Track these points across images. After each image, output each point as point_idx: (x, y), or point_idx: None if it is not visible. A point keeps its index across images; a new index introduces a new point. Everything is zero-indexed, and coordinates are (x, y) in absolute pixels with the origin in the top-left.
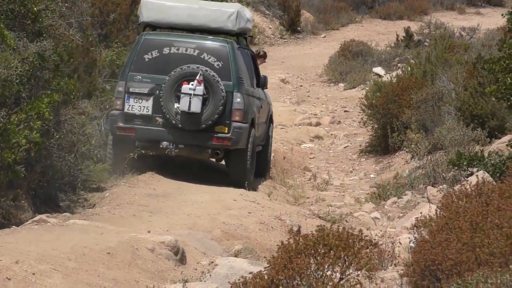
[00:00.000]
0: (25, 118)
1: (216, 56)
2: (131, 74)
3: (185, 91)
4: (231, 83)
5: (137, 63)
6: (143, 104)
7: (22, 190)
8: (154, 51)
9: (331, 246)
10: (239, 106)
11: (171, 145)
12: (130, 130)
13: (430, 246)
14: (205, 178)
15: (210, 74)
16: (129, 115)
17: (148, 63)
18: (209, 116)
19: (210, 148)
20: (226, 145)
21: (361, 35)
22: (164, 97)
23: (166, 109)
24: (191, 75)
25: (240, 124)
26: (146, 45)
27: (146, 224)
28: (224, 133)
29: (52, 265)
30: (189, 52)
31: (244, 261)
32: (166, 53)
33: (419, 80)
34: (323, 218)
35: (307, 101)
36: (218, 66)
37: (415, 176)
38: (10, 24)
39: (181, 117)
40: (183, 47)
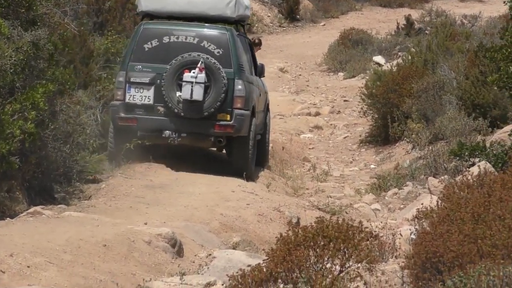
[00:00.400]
0: (19, 108)
1: (216, 44)
2: (131, 64)
3: (186, 79)
4: (232, 70)
5: (137, 53)
6: (144, 93)
7: (17, 181)
8: (153, 40)
9: (331, 238)
10: (241, 93)
11: (174, 134)
12: (132, 120)
13: (431, 237)
14: (204, 168)
15: (212, 62)
16: (130, 105)
17: (148, 52)
18: (211, 104)
19: (213, 136)
20: (228, 133)
21: (361, 23)
22: (165, 86)
23: (168, 97)
24: (192, 63)
25: (242, 111)
26: (145, 35)
27: (142, 216)
28: (226, 120)
29: (47, 257)
30: (189, 41)
31: (243, 254)
32: (166, 42)
33: (420, 69)
34: (322, 210)
35: (306, 90)
36: (219, 54)
37: (416, 166)
38: (3, 13)
39: (183, 106)
40: (182, 35)
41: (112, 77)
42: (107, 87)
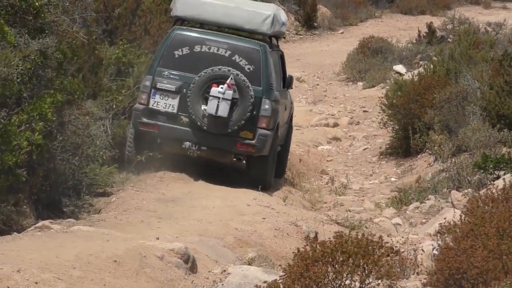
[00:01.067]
0: (26, 119)
1: (248, 59)
2: (159, 70)
3: (214, 94)
4: (260, 88)
5: (166, 59)
6: (169, 101)
7: (24, 194)
8: (184, 47)
9: (350, 254)
10: (267, 113)
11: (194, 146)
12: (153, 126)
13: (455, 253)
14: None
15: (241, 79)
16: (153, 111)
17: (178, 59)
18: (236, 121)
19: (234, 153)
20: (250, 152)
21: (380, 31)
22: (191, 98)
23: (193, 110)
24: (221, 77)
25: (265, 131)
26: (177, 41)
27: (154, 230)
28: (249, 139)
29: (55, 273)
30: (220, 52)
31: (258, 270)
32: (197, 51)
33: (442, 79)
34: (341, 224)
35: (324, 100)
36: (249, 70)
37: (439, 179)
38: (10, 20)
39: (207, 120)
40: (214, 46)
41: (122, 88)
42: (116, 99)
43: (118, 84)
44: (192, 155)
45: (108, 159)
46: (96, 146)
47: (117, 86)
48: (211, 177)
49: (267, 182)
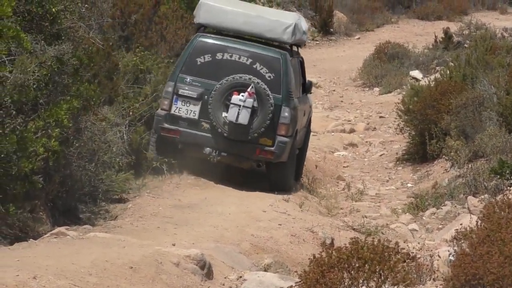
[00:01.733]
0: (43, 126)
1: (269, 68)
2: (181, 76)
3: (234, 102)
4: (280, 96)
5: (188, 65)
6: (190, 107)
7: (40, 201)
8: (207, 55)
9: (366, 260)
10: (286, 120)
11: (214, 152)
12: (175, 132)
13: (471, 259)
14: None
15: (262, 87)
16: (175, 117)
17: (200, 66)
18: (256, 129)
19: (253, 160)
20: (269, 158)
21: (397, 36)
22: (212, 105)
23: (214, 117)
24: (242, 85)
25: (284, 138)
26: (199, 48)
27: (170, 237)
28: (268, 145)
29: (71, 280)
30: (242, 60)
31: (274, 276)
32: (219, 58)
33: (459, 84)
34: (357, 230)
35: (340, 106)
36: (270, 78)
37: (455, 185)
38: (27, 26)
39: (228, 127)
40: (236, 54)
41: (139, 96)
42: (133, 106)
43: (135, 91)
44: (212, 160)
45: (124, 165)
46: (112, 153)
47: (134, 93)
48: (228, 183)
49: (287, 187)
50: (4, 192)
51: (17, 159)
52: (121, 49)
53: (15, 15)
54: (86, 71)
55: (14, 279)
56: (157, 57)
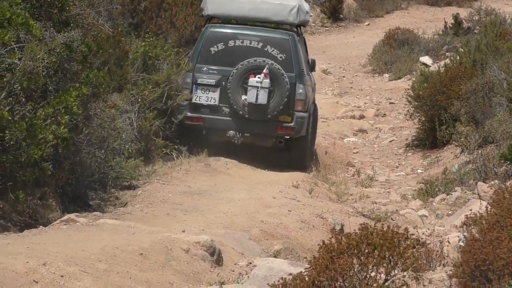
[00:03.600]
0: (52, 113)
1: (279, 49)
2: (198, 66)
3: (252, 84)
4: (293, 74)
5: (203, 55)
6: (210, 94)
7: (50, 188)
8: (219, 43)
9: (375, 246)
10: (301, 96)
11: (238, 134)
12: (198, 119)
13: (481, 245)
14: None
15: (276, 68)
16: (197, 105)
17: (214, 55)
18: (275, 107)
19: (275, 137)
20: (289, 134)
21: (407, 22)
22: (231, 89)
23: (234, 100)
24: (257, 68)
25: (302, 113)
26: (211, 38)
27: (180, 223)
28: (287, 122)
29: (81, 267)
30: (253, 45)
31: (284, 262)
32: (232, 45)
33: (469, 70)
34: (367, 216)
35: (350, 92)
36: (281, 59)
37: (465, 171)
38: (35, 14)
39: (248, 108)
40: (247, 39)
41: (149, 83)
42: (142, 93)
43: (144, 78)
44: (237, 142)
45: (134, 152)
46: (122, 139)
47: (143, 80)
48: (238, 169)
49: (306, 162)
50: (14, 179)
51: (26, 146)
52: (131, 36)
53: (24, 2)
54: (96, 58)
55: (24, 266)
56: (165, 44)
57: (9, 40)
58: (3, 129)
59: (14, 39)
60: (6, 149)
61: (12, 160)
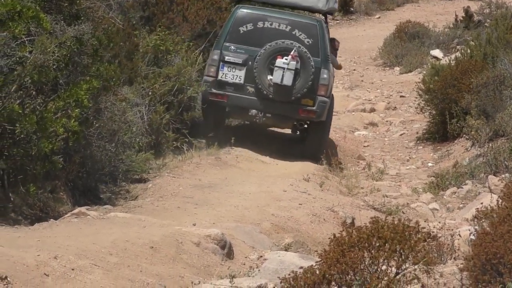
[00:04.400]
0: (62, 106)
1: (307, 34)
2: (226, 45)
3: (279, 65)
4: (319, 59)
5: (232, 34)
6: (236, 73)
7: (60, 181)
8: (249, 24)
9: (386, 239)
10: (325, 82)
11: (260, 114)
12: (222, 96)
13: (492, 238)
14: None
15: (303, 51)
16: (222, 82)
17: (243, 35)
18: (299, 90)
19: (297, 119)
20: (311, 117)
21: (417, 15)
22: (258, 69)
23: (259, 80)
24: (285, 50)
25: (324, 98)
26: (241, 18)
27: (191, 216)
28: (310, 105)
29: (92, 260)
30: (281, 28)
31: (295, 255)
32: (260, 27)
33: (479, 63)
34: (378, 210)
35: (360, 86)
36: (308, 43)
37: (476, 164)
38: (46, 7)
39: (273, 89)
40: (276, 22)
41: (159, 76)
42: (152, 86)
43: (155, 71)
44: (259, 121)
45: (144, 145)
46: (132, 133)
47: (154, 73)
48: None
49: (322, 148)
50: (25, 173)
51: (37, 139)
52: (142, 29)
53: None
54: (106, 51)
55: (35, 259)
56: (176, 37)
57: (20, 33)
58: (14, 122)
59: (24, 32)
60: (16, 143)
61: (23, 153)
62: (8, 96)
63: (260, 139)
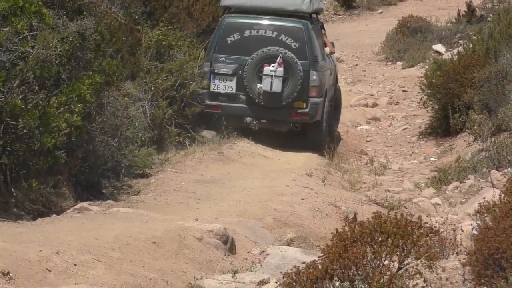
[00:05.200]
0: (65, 101)
1: (293, 38)
2: (215, 56)
3: (266, 73)
4: (307, 62)
5: (220, 45)
6: (227, 83)
7: (63, 176)
8: (236, 33)
9: (389, 234)
10: (315, 83)
11: (254, 121)
12: (216, 107)
13: (494, 233)
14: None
15: (289, 56)
16: (215, 94)
17: (231, 45)
18: (289, 95)
19: (290, 123)
20: (304, 120)
21: (420, 10)
22: (247, 78)
23: (250, 89)
24: (271, 57)
25: (316, 99)
26: (228, 28)
27: (193, 211)
28: (302, 108)
29: (94, 255)
30: (268, 34)
31: (297, 250)
32: (247, 35)
33: (482, 58)
34: (380, 205)
35: (363, 81)
36: (295, 47)
37: (478, 159)
38: (48, 2)
39: (263, 96)
40: (262, 29)
41: (162, 71)
42: (155, 81)
43: (157, 66)
44: (254, 128)
45: (147, 140)
46: (135, 128)
47: (156, 68)
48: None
49: (323, 144)
50: (27, 168)
51: (39, 134)
52: (144, 24)
53: None
54: (109, 46)
55: (37, 254)
56: (179, 32)
57: (22, 29)
58: (17, 117)
59: (27, 28)
60: (19, 138)
61: (26, 148)
62: (11, 91)
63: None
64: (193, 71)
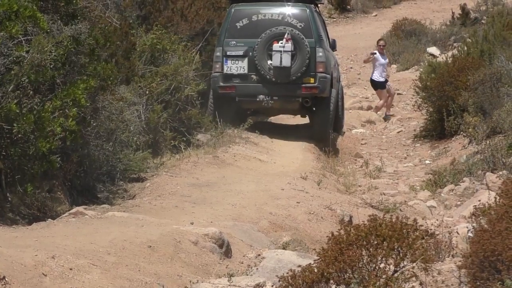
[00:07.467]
0: (60, 105)
1: (298, 19)
2: (226, 40)
3: (276, 49)
4: (313, 39)
5: (230, 31)
6: (239, 64)
7: (58, 181)
8: (244, 19)
9: (384, 237)
10: (322, 59)
11: (267, 98)
12: (230, 88)
13: (490, 235)
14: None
15: (296, 33)
16: (228, 75)
17: (240, 30)
18: (298, 69)
19: (301, 97)
20: (314, 93)
21: (414, 13)
22: (258, 56)
23: (260, 66)
24: (279, 35)
25: (324, 74)
26: (236, 15)
27: (189, 215)
28: (311, 83)
29: (90, 259)
30: (274, 17)
31: (293, 254)
32: (255, 20)
33: (476, 60)
34: (375, 207)
35: (357, 84)
36: (301, 27)
37: (473, 161)
38: (43, 6)
39: (274, 72)
40: (269, 13)
41: (156, 75)
42: (149, 85)
43: (152, 70)
44: (267, 106)
45: (142, 144)
46: (130, 132)
47: (151, 72)
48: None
49: (327, 131)
50: (22, 172)
51: (34, 139)
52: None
53: None
54: (103, 50)
55: (32, 259)
56: (173, 36)
57: (17, 33)
58: (11, 122)
59: (21, 32)
60: (14, 142)
61: (20, 153)
62: (6, 95)
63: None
64: (187, 74)
